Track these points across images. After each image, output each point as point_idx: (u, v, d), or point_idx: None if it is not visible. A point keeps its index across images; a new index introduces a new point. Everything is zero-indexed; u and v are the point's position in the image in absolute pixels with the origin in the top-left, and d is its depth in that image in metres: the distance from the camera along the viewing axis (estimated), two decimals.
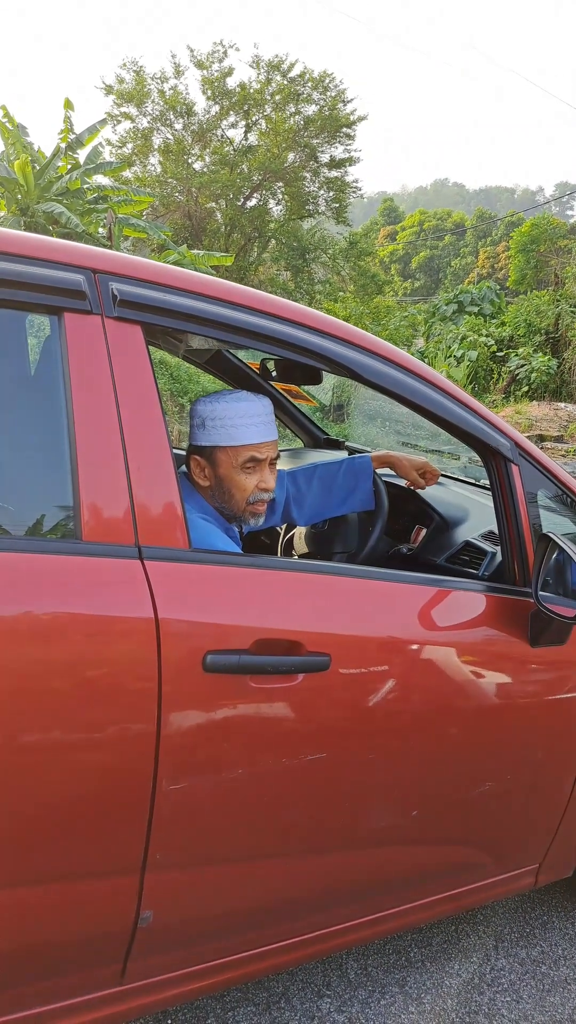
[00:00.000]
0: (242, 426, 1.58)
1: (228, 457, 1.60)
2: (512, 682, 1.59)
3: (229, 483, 1.61)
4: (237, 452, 1.59)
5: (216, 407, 1.59)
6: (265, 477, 1.63)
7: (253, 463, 1.61)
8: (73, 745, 1.14)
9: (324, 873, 1.50)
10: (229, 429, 1.58)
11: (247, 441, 1.59)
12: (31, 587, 1.11)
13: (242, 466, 1.60)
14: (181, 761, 1.22)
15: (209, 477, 1.62)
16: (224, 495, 1.63)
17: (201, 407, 1.61)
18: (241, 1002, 1.73)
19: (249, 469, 1.61)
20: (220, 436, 1.59)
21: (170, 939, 1.35)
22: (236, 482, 1.61)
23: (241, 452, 1.59)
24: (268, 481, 1.64)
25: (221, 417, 1.58)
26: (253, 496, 1.63)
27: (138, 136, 24.93)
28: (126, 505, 1.20)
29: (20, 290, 1.16)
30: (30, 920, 1.18)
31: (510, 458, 1.60)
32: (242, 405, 1.59)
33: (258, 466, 1.62)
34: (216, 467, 1.61)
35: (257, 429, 1.60)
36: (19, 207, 12.96)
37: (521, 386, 15.43)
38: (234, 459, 1.60)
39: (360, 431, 9.10)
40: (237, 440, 1.58)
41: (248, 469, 1.61)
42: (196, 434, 1.62)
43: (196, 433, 1.62)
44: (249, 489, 1.62)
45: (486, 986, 1.84)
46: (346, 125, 25.39)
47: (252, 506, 1.64)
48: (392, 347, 1.54)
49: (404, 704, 1.45)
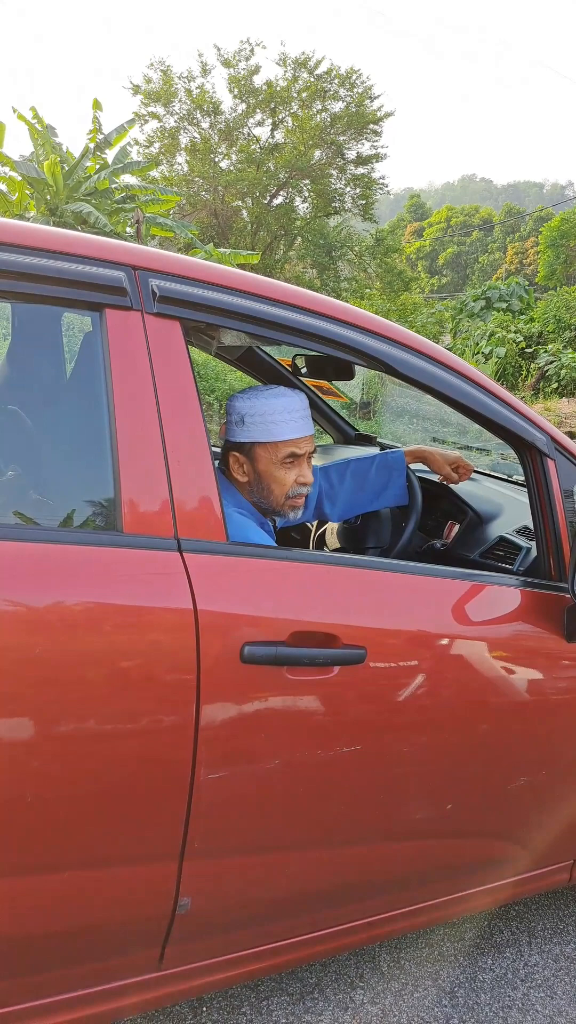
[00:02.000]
0: (281, 422, 1.60)
1: (268, 453, 1.61)
2: (547, 677, 1.59)
3: (268, 478, 1.63)
4: (277, 448, 1.61)
5: (255, 403, 1.60)
6: (304, 471, 1.65)
7: (293, 458, 1.62)
8: (114, 734, 1.16)
9: (358, 865, 1.51)
10: (268, 425, 1.59)
11: (287, 436, 1.60)
12: (74, 578, 1.13)
13: (282, 461, 1.61)
14: (219, 751, 1.23)
15: (248, 473, 1.64)
16: (263, 490, 1.64)
17: (239, 403, 1.63)
18: (275, 991, 1.74)
19: (288, 464, 1.62)
20: (260, 432, 1.60)
21: (207, 926, 1.37)
22: (276, 477, 1.63)
23: (281, 448, 1.61)
24: (307, 475, 1.65)
25: (260, 413, 1.59)
26: (292, 490, 1.64)
27: (165, 135, 25.08)
28: (165, 498, 1.22)
29: (63, 287, 1.18)
30: (71, 904, 1.21)
31: (546, 452, 1.60)
32: (281, 401, 1.60)
33: (297, 461, 1.63)
34: (255, 463, 1.62)
35: (296, 424, 1.61)
36: (48, 207, 13.11)
37: (550, 383, 15.27)
38: (274, 455, 1.61)
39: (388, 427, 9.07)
40: (277, 436, 1.60)
41: (288, 464, 1.62)
42: (234, 430, 1.63)
43: (234, 430, 1.63)
44: (288, 483, 1.63)
45: (520, 981, 1.84)
46: (373, 122, 25.30)
47: (291, 500, 1.65)
48: (427, 341, 1.54)
49: (439, 698, 1.45)
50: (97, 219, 12.28)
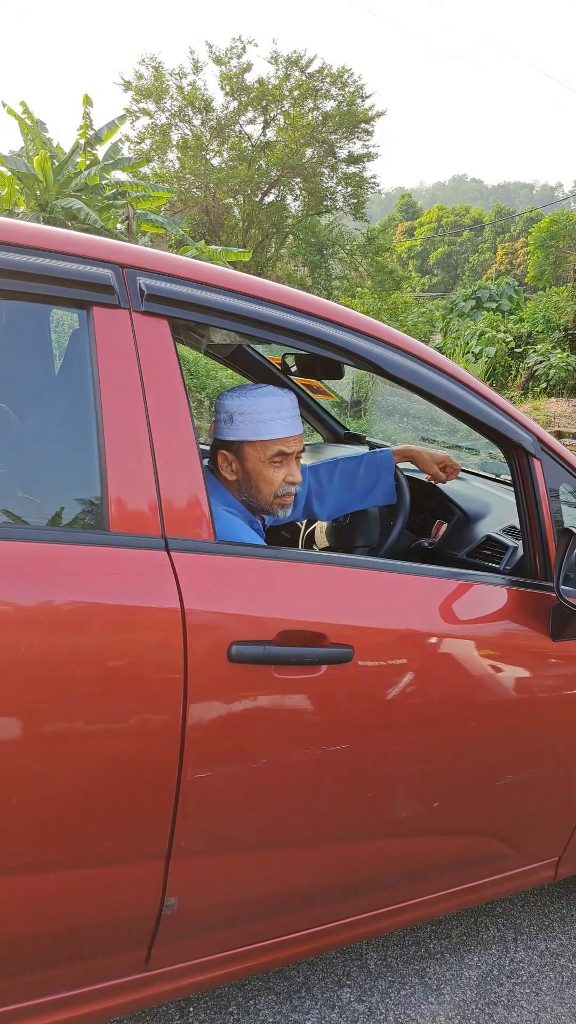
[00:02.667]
0: (270, 420, 1.60)
1: (256, 451, 1.61)
2: (533, 675, 1.60)
3: (257, 477, 1.63)
4: (265, 446, 1.61)
5: (244, 402, 1.61)
6: (292, 470, 1.65)
7: (281, 457, 1.62)
8: (100, 734, 1.16)
9: (345, 863, 1.51)
10: (257, 424, 1.59)
11: (275, 435, 1.60)
12: (60, 577, 1.13)
13: (270, 460, 1.62)
14: (206, 750, 1.23)
15: (237, 471, 1.64)
16: (252, 488, 1.64)
17: (228, 402, 1.63)
18: (262, 991, 1.74)
19: (277, 463, 1.63)
20: (248, 431, 1.60)
21: (194, 926, 1.37)
22: (264, 476, 1.63)
23: (269, 446, 1.61)
24: (295, 474, 1.66)
25: (249, 412, 1.60)
26: (281, 489, 1.65)
27: (156, 132, 24.97)
28: (153, 497, 1.22)
29: (49, 285, 1.18)
30: (57, 905, 1.20)
31: (532, 452, 1.61)
32: (270, 400, 1.61)
33: (286, 460, 1.63)
34: (244, 461, 1.63)
35: (284, 423, 1.61)
36: (38, 203, 13.04)
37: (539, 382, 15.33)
38: (262, 453, 1.61)
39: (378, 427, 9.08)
40: (265, 435, 1.60)
41: (276, 463, 1.62)
42: (223, 429, 1.63)
43: (223, 428, 1.63)
44: (277, 482, 1.64)
45: (505, 978, 1.85)
46: (364, 121, 25.27)
47: (280, 499, 1.66)
48: (415, 341, 1.54)
49: (426, 696, 1.46)
50: (88, 215, 12.21)
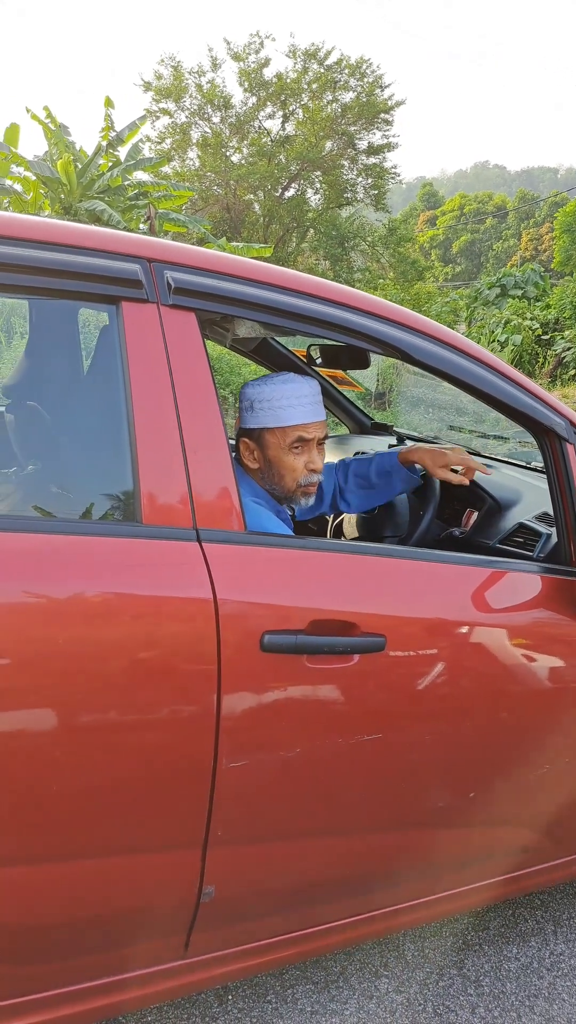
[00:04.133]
0: (289, 407, 1.60)
1: (276, 438, 1.62)
2: (568, 664, 1.58)
3: (278, 464, 1.64)
4: (285, 433, 1.61)
5: (264, 389, 1.61)
6: (313, 457, 1.65)
7: (301, 443, 1.62)
8: (136, 724, 1.17)
9: (381, 853, 1.51)
10: (276, 411, 1.60)
11: (294, 421, 1.61)
12: (95, 569, 1.14)
13: (290, 447, 1.62)
14: (240, 739, 1.24)
15: (259, 459, 1.65)
16: (274, 476, 1.65)
17: (249, 390, 1.64)
18: (300, 980, 1.75)
19: (297, 449, 1.63)
20: (268, 418, 1.61)
21: (231, 914, 1.38)
22: (285, 463, 1.63)
23: (289, 432, 1.61)
24: (316, 462, 1.65)
25: (269, 399, 1.60)
26: (304, 478, 1.65)
27: (176, 131, 25.06)
28: (184, 489, 1.22)
29: (79, 281, 1.19)
30: (97, 893, 1.22)
31: (565, 437, 1.58)
32: (289, 387, 1.61)
33: (306, 446, 1.63)
34: (265, 449, 1.63)
35: (304, 409, 1.61)
36: (63, 206, 13.16)
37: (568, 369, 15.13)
38: (282, 440, 1.62)
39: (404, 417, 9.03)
40: (284, 421, 1.60)
41: (296, 450, 1.63)
42: (245, 417, 1.65)
43: (245, 416, 1.65)
44: (299, 470, 1.64)
45: (545, 970, 1.83)
46: (384, 111, 25.12)
47: (303, 487, 1.66)
48: (443, 328, 1.53)
49: (459, 686, 1.45)
50: (111, 216, 12.30)
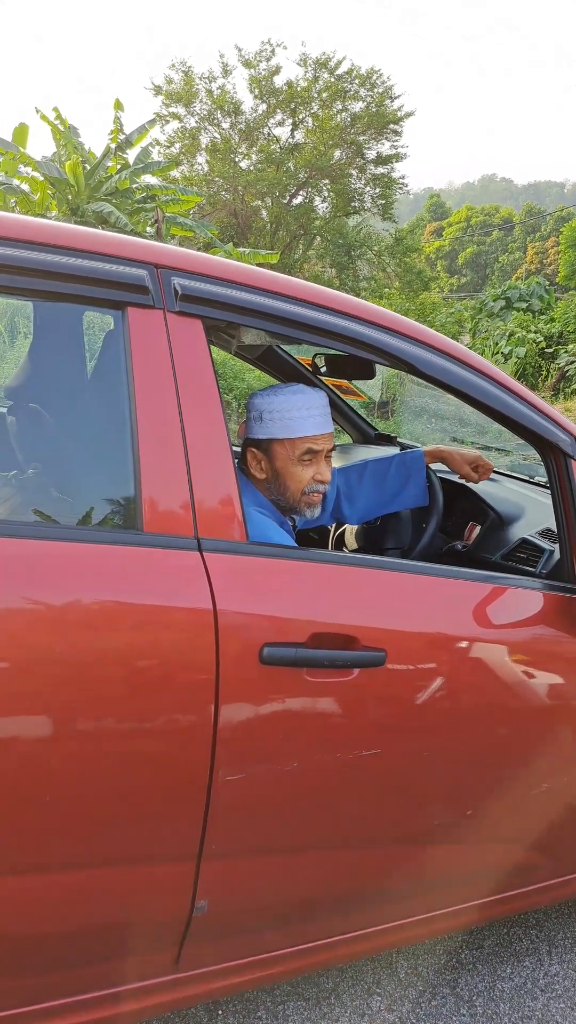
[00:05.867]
0: (299, 418, 1.59)
1: (286, 450, 1.61)
2: (568, 681, 1.56)
3: (286, 475, 1.62)
4: (294, 444, 1.60)
5: (274, 400, 1.60)
6: (321, 469, 1.64)
7: (310, 455, 1.61)
8: (131, 734, 1.15)
9: (377, 869, 1.49)
10: (287, 421, 1.59)
11: (304, 433, 1.59)
12: (94, 577, 1.13)
13: (299, 458, 1.61)
14: (237, 752, 1.22)
15: (266, 470, 1.63)
16: (280, 487, 1.64)
17: (259, 400, 1.62)
18: (291, 996, 1.73)
19: (306, 461, 1.62)
20: (278, 429, 1.59)
21: (224, 929, 1.36)
22: (293, 474, 1.62)
23: (298, 444, 1.60)
24: (324, 473, 1.64)
25: (279, 410, 1.59)
26: (309, 487, 1.64)
27: (186, 136, 25.16)
28: (186, 498, 1.21)
29: (85, 285, 1.18)
30: (89, 904, 1.20)
31: (570, 453, 1.57)
32: (299, 397, 1.60)
33: (315, 458, 1.62)
34: (273, 460, 1.62)
35: (314, 421, 1.60)
36: (70, 207, 13.20)
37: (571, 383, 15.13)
38: (291, 451, 1.60)
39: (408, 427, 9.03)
40: (295, 432, 1.59)
41: (305, 461, 1.62)
42: (253, 427, 1.63)
43: (253, 426, 1.63)
44: (306, 480, 1.63)
45: (539, 991, 1.81)
46: (393, 122, 25.23)
47: (308, 496, 1.65)
48: (448, 340, 1.52)
49: (459, 702, 1.44)
50: (118, 219, 12.33)
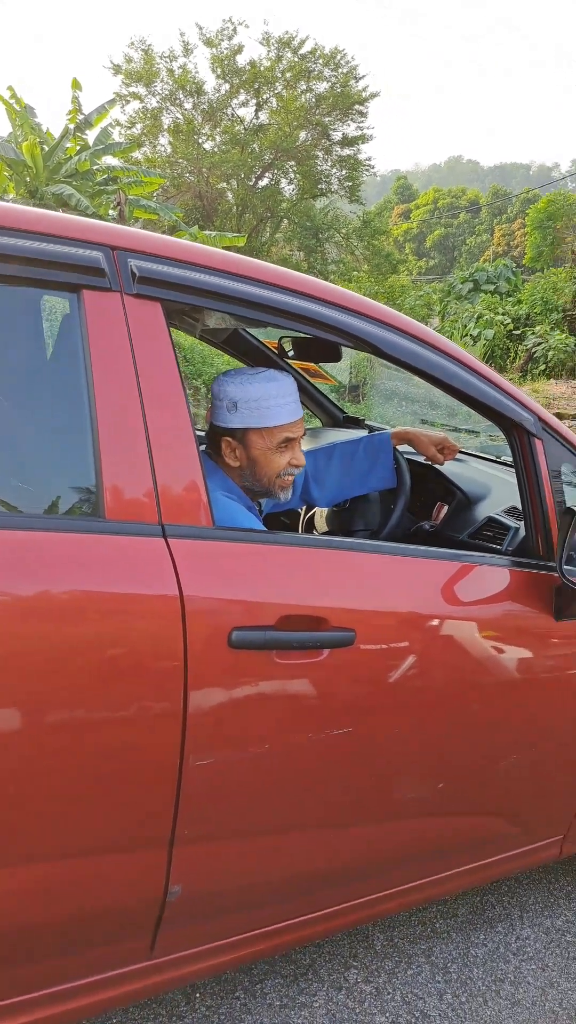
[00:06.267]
0: (276, 407, 1.57)
1: (263, 439, 1.59)
2: (536, 656, 1.59)
3: (263, 463, 1.61)
4: (272, 433, 1.59)
5: (248, 388, 1.57)
6: (296, 454, 1.64)
7: (287, 443, 1.61)
8: (100, 722, 1.15)
9: (350, 846, 1.51)
10: (263, 411, 1.57)
11: (281, 421, 1.58)
12: (56, 566, 1.12)
13: (277, 447, 1.60)
14: (208, 737, 1.23)
15: (241, 458, 1.62)
16: (255, 474, 1.63)
17: (231, 389, 1.59)
18: (269, 974, 1.75)
19: (283, 448, 1.61)
20: (254, 418, 1.57)
21: (198, 912, 1.37)
22: (270, 461, 1.61)
23: (276, 433, 1.59)
24: (299, 457, 1.65)
25: (254, 399, 1.57)
26: (284, 472, 1.64)
27: (147, 116, 24.71)
28: (149, 483, 1.20)
29: (38, 267, 1.16)
30: (60, 894, 1.20)
31: (533, 432, 1.59)
32: (273, 386, 1.58)
33: (291, 444, 1.62)
34: (249, 448, 1.60)
35: (289, 408, 1.59)
36: (28, 189, 12.92)
37: (538, 364, 15.29)
38: (269, 440, 1.59)
39: (377, 410, 9.05)
40: (272, 421, 1.58)
41: (282, 448, 1.61)
42: (226, 416, 1.60)
43: (225, 415, 1.60)
44: (282, 466, 1.63)
45: (511, 955, 1.85)
46: (358, 102, 25.02)
47: (281, 480, 1.64)
48: (414, 322, 1.52)
49: (428, 679, 1.45)
50: (79, 201, 12.09)
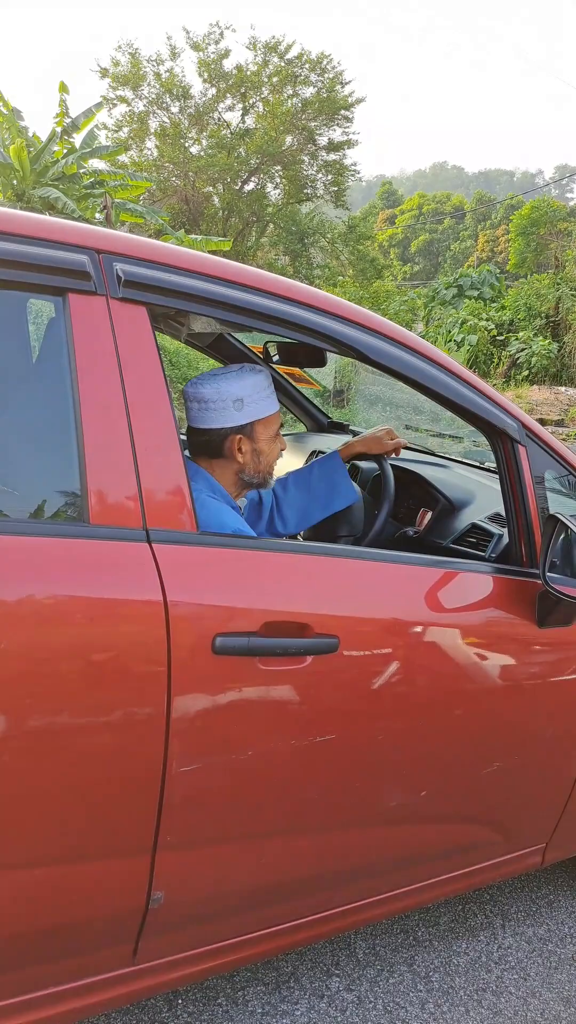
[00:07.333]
0: (268, 396, 1.66)
1: (266, 429, 1.66)
2: (519, 663, 1.59)
3: (265, 453, 1.68)
4: (271, 422, 1.67)
5: (246, 383, 1.62)
6: (282, 439, 1.73)
7: (279, 428, 1.69)
8: (83, 728, 1.14)
9: (333, 853, 1.51)
10: (261, 402, 1.64)
11: (274, 409, 1.67)
12: (40, 571, 1.11)
13: (275, 434, 1.69)
14: (191, 743, 1.22)
15: (246, 452, 1.66)
16: (258, 465, 1.68)
17: (234, 387, 1.60)
18: (251, 981, 1.74)
19: (277, 435, 1.69)
20: (258, 410, 1.64)
21: (181, 919, 1.36)
22: (271, 450, 1.69)
23: (272, 421, 1.67)
24: (284, 441, 1.74)
25: (254, 391, 1.63)
26: (277, 457, 1.72)
27: (134, 120, 24.66)
28: (133, 488, 1.19)
29: (24, 271, 1.15)
30: (42, 901, 1.19)
31: (517, 439, 1.60)
32: (260, 377, 1.65)
33: (279, 430, 1.70)
34: (256, 441, 1.66)
35: (274, 396, 1.68)
36: (15, 192, 12.86)
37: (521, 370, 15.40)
38: (270, 429, 1.67)
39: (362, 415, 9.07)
40: (271, 409, 1.66)
41: (277, 435, 1.69)
42: (233, 415, 1.61)
43: (233, 414, 1.61)
44: (277, 453, 1.71)
45: (493, 964, 1.85)
46: (344, 107, 25.11)
47: (272, 467, 1.72)
48: (398, 327, 1.53)
49: (412, 685, 1.45)
50: (65, 204, 12.05)
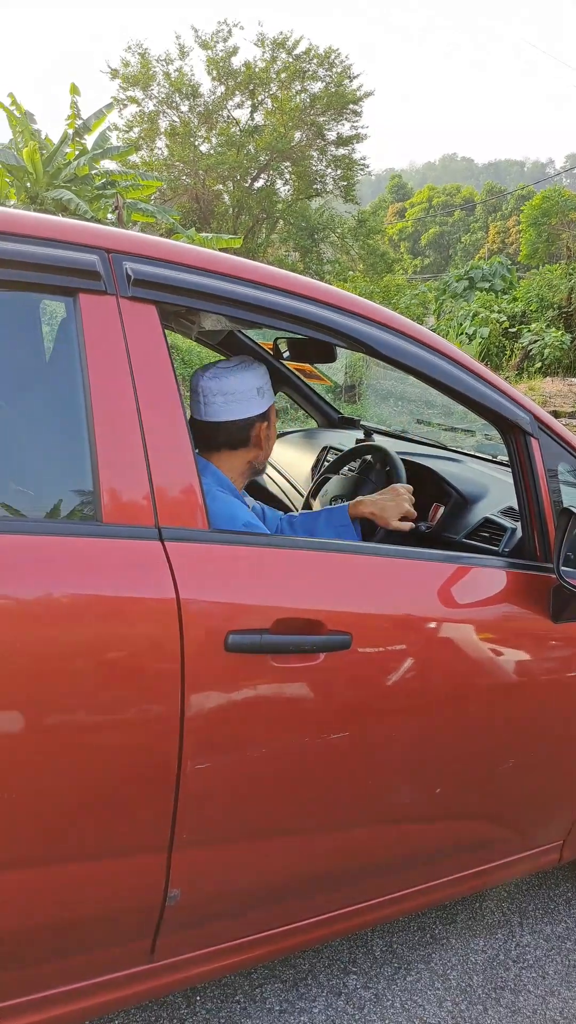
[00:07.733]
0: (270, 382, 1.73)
1: (274, 415, 1.73)
2: (534, 658, 1.58)
3: (273, 437, 1.75)
4: (273, 408, 1.73)
5: (260, 371, 1.68)
6: None
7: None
8: (98, 726, 1.15)
9: (349, 850, 1.50)
10: (270, 388, 1.71)
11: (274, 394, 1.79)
12: (54, 570, 1.11)
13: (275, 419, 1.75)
14: (205, 740, 1.22)
15: (268, 437, 1.72)
16: (266, 452, 1.74)
17: (254, 378, 1.65)
18: (268, 979, 1.74)
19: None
20: (271, 395, 1.71)
21: (198, 916, 1.36)
22: (274, 434, 1.76)
23: (273, 407, 1.73)
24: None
25: (266, 378, 1.70)
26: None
27: (144, 120, 24.73)
28: (145, 486, 1.20)
29: (35, 272, 1.15)
30: (60, 898, 1.20)
31: (530, 432, 1.58)
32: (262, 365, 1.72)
33: None
34: (270, 427, 1.72)
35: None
36: (28, 195, 12.93)
37: (534, 362, 15.28)
38: (274, 415, 1.73)
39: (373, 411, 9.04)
40: (274, 396, 1.75)
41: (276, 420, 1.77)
42: (255, 403, 1.66)
43: (255, 402, 1.66)
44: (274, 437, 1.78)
45: (511, 962, 1.85)
46: (352, 102, 25.04)
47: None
48: (409, 321, 1.52)
49: (425, 682, 1.45)
50: (78, 206, 12.10)
